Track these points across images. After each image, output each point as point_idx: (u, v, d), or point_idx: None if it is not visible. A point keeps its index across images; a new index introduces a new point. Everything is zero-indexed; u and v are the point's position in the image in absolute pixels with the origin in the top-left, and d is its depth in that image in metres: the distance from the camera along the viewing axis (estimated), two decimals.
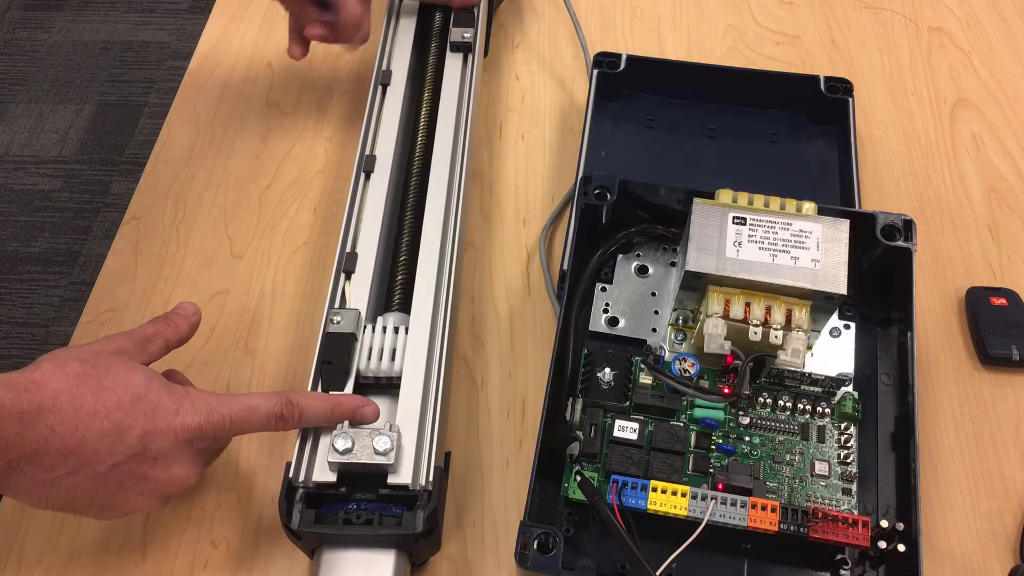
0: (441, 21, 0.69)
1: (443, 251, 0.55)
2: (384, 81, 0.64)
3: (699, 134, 0.68)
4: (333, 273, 0.53)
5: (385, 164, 0.59)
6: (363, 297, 0.53)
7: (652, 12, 0.78)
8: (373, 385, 0.50)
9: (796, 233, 0.51)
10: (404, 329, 0.51)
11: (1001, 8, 0.79)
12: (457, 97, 0.63)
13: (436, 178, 0.58)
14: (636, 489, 0.47)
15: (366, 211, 0.57)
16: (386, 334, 0.51)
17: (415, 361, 0.49)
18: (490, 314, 0.60)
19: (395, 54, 0.66)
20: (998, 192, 0.67)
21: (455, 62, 0.65)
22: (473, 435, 0.55)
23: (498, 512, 0.53)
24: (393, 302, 0.54)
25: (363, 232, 0.56)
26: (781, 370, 0.52)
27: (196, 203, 0.66)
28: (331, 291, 0.53)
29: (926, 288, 0.61)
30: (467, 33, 0.66)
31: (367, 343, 0.50)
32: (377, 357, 0.50)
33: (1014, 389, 0.57)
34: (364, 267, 0.54)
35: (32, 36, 1.80)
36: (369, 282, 0.53)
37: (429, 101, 0.64)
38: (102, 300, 0.61)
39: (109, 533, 0.51)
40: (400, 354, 0.50)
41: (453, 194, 0.58)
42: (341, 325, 0.50)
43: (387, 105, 0.63)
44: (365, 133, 0.61)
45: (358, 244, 0.55)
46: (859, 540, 0.46)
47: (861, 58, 0.75)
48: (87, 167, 1.60)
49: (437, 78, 0.65)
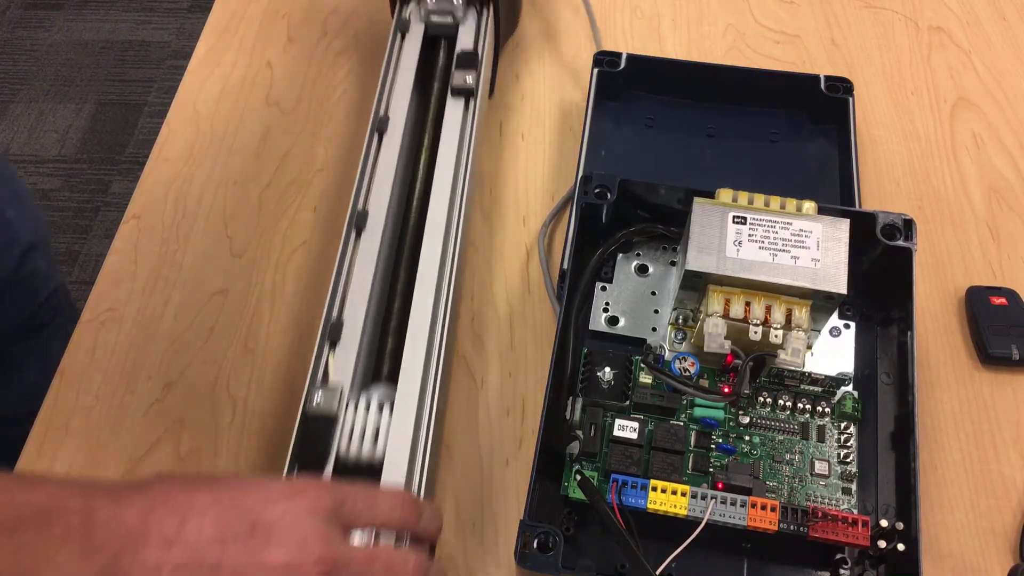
0: (444, 60, 0.64)
1: (434, 319, 0.51)
2: (381, 128, 0.59)
3: (699, 133, 0.68)
4: (316, 343, 0.49)
5: (378, 222, 0.54)
6: (348, 368, 0.49)
7: (652, 11, 0.78)
8: (352, 471, 0.46)
9: (796, 232, 0.51)
10: (389, 407, 0.47)
11: (1001, 8, 0.79)
12: (456, 148, 0.58)
13: (430, 238, 0.54)
14: (636, 488, 0.47)
15: (355, 273, 0.52)
16: (370, 412, 0.47)
17: (399, 445, 0.45)
18: (490, 314, 0.60)
19: (394, 98, 0.61)
20: (998, 192, 0.67)
21: (456, 108, 0.61)
22: (473, 435, 0.55)
23: (498, 511, 0.53)
24: (381, 372, 0.51)
25: (351, 297, 0.51)
26: (781, 369, 0.52)
27: (196, 203, 0.66)
28: (313, 363, 0.49)
29: (926, 288, 0.61)
30: (469, 77, 0.61)
31: (348, 423, 0.46)
32: (359, 438, 0.46)
33: (1014, 389, 0.57)
34: (351, 336, 0.50)
35: (32, 35, 1.80)
36: (355, 353, 0.49)
37: (428, 149, 0.60)
38: (102, 299, 0.61)
39: None
40: (384, 436, 0.46)
41: (448, 257, 0.54)
42: (321, 406, 0.46)
43: (383, 156, 0.58)
44: (358, 186, 0.56)
45: (345, 310, 0.51)
46: (859, 539, 0.46)
47: (861, 57, 0.75)
48: (87, 166, 1.60)
49: (437, 123, 0.61)
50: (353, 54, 0.74)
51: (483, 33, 0.65)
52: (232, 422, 0.56)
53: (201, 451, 0.54)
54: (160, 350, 0.58)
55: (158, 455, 0.54)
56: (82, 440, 0.55)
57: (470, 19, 0.65)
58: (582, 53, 0.75)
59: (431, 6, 0.65)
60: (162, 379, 0.57)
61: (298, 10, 0.78)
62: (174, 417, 0.56)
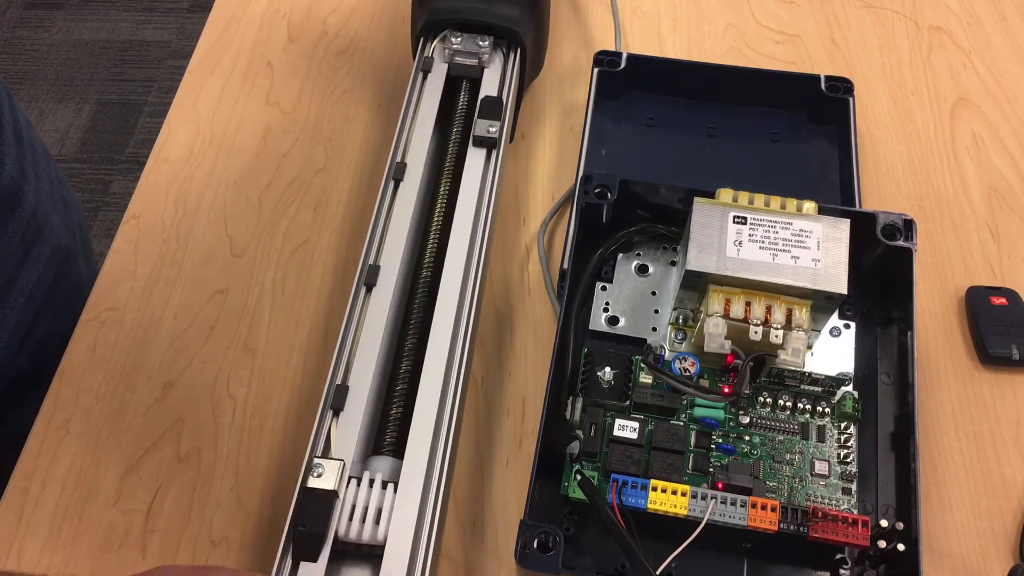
0: (466, 103, 0.61)
1: (445, 387, 0.48)
2: (398, 176, 0.56)
3: (699, 133, 0.68)
4: (319, 411, 0.47)
5: (390, 277, 0.52)
6: (351, 439, 0.46)
7: (652, 11, 0.78)
8: (352, 552, 0.44)
9: (796, 232, 0.51)
10: (394, 486, 0.44)
11: (1001, 8, 0.79)
12: (476, 201, 0.56)
13: (444, 298, 0.51)
14: (636, 488, 0.47)
15: (364, 333, 0.50)
16: (372, 490, 0.44)
17: (402, 529, 0.43)
18: (490, 314, 0.60)
19: (412, 144, 0.58)
20: (998, 192, 0.67)
21: (477, 159, 0.58)
22: (473, 435, 0.55)
23: (498, 511, 0.53)
24: (384, 443, 0.48)
25: (358, 359, 0.49)
26: (781, 369, 0.52)
27: (196, 202, 0.66)
28: (315, 432, 0.46)
29: (926, 288, 0.61)
30: (492, 127, 0.58)
31: (349, 501, 0.44)
32: (360, 519, 0.43)
33: (1014, 389, 0.57)
34: (355, 403, 0.47)
35: (32, 35, 1.80)
36: (359, 421, 0.47)
37: (444, 199, 0.57)
38: (102, 299, 0.61)
39: (109, 533, 0.51)
40: (386, 519, 0.43)
41: (461, 322, 0.51)
42: (322, 479, 0.44)
43: (398, 206, 0.55)
44: (371, 238, 0.54)
45: (350, 375, 0.48)
46: (859, 539, 0.46)
47: (861, 57, 0.75)
48: (87, 166, 1.60)
49: (457, 173, 0.58)
50: (353, 54, 0.74)
51: (509, 78, 0.63)
52: (232, 422, 0.56)
53: (201, 451, 0.54)
54: (160, 350, 0.58)
55: (158, 455, 0.54)
56: (82, 440, 0.55)
57: (496, 62, 0.62)
58: (582, 53, 0.75)
59: (456, 46, 0.62)
60: (162, 379, 0.57)
61: (298, 10, 0.78)
62: (174, 417, 0.56)
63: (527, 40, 0.63)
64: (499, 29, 0.63)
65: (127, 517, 0.52)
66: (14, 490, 0.53)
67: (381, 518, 0.43)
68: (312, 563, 0.42)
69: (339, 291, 0.61)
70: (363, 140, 0.69)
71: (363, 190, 0.66)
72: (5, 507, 0.52)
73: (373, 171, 0.67)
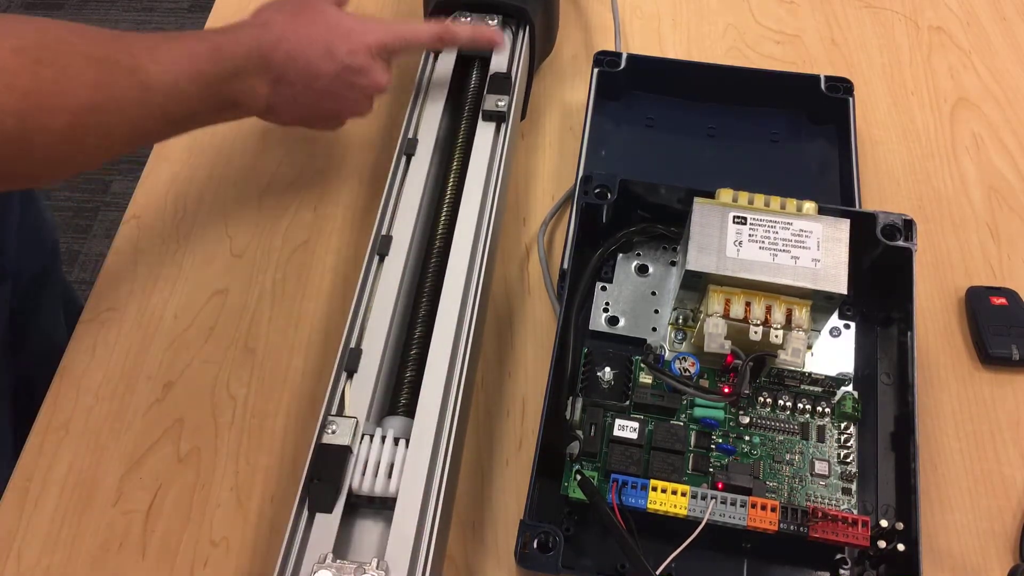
0: (477, 82, 0.63)
1: (455, 350, 0.50)
2: (409, 151, 0.59)
3: (699, 133, 0.68)
4: (334, 372, 0.49)
5: (401, 247, 0.54)
6: (364, 399, 0.48)
7: (652, 11, 0.78)
8: (365, 505, 0.46)
9: (796, 233, 0.51)
10: (405, 442, 0.46)
11: (1001, 8, 0.79)
12: (485, 173, 0.57)
13: (454, 268, 0.53)
14: (636, 488, 0.47)
15: (376, 300, 0.52)
16: (384, 445, 0.46)
17: (413, 482, 0.44)
18: (490, 314, 0.60)
19: (424, 121, 0.60)
20: (998, 192, 0.67)
21: (486, 132, 0.59)
22: (472, 435, 0.55)
23: (498, 511, 0.53)
24: (399, 404, 0.49)
25: (371, 324, 0.51)
26: (781, 370, 0.52)
27: (196, 202, 0.66)
28: (329, 392, 0.48)
29: (926, 288, 0.61)
30: (501, 101, 0.60)
31: (363, 456, 0.45)
32: (372, 473, 0.45)
33: (1014, 389, 0.57)
34: (369, 365, 0.49)
35: None
36: (373, 383, 0.49)
37: (456, 174, 0.59)
38: (102, 299, 0.61)
39: (109, 533, 0.51)
40: (398, 472, 0.45)
41: (471, 289, 0.53)
42: (336, 435, 0.45)
43: (410, 179, 0.57)
44: (383, 211, 0.56)
45: (364, 338, 0.50)
46: (859, 540, 0.46)
47: (861, 58, 0.75)
48: None
49: (467, 146, 0.60)
50: None
51: (518, 55, 0.64)
52: (232, 422, 0.56)
53: (201, 451, 0.54)
54: (160, 350, 0.58)
55: (158, 455, 0.54)
56: (82, 440, 0.55)
57: (505, 40, 0.64)
58: (582, 53, 0.75)
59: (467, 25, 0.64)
60: (162, 379, 0.57)
61: None
62: (174, 417, 0.56)
63: (536, 18, 0.65)
64: (508, 7, 0.65)
65: (127, 517, 0.52)
66: (14, 490, 0.53)
67: (393, 472, 0.45)
68: (327, 514, 0.44)
69: (339, 291, 0.61)
70: (364, 140, 0.69)
71: (363, 190, 0.66)
72: (5, 508, 0.52)
73: (374, 171, 0.67)
